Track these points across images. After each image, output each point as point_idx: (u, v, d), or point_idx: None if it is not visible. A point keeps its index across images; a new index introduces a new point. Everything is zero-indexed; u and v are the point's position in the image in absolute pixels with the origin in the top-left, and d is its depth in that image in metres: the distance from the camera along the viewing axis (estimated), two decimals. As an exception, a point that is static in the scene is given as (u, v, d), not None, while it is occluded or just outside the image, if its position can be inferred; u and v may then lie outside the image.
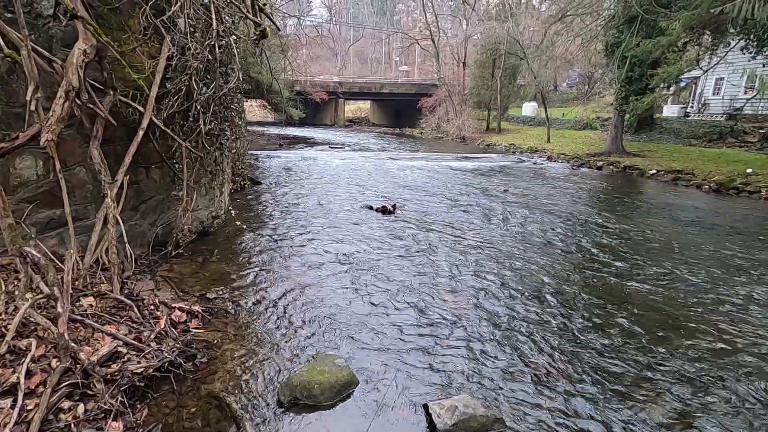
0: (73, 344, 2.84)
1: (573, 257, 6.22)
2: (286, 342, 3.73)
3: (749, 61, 14.87)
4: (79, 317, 3.27)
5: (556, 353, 3.70)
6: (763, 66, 14.02)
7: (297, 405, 2.96)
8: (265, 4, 5.91)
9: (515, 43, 25.99)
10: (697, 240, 7.27)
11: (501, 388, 3.23)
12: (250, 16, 5.44)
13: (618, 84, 17.33)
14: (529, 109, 32.87)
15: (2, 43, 3.23)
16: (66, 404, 2.64)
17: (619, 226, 8.03)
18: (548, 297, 4.81)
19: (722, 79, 22.41)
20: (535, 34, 27.49)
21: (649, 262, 6.07)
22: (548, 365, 3.52)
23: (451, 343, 3.81)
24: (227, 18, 5.34)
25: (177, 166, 5.25)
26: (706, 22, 12.04)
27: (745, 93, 20.09)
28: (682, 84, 18.85)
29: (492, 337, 3.94)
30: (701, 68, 14.34)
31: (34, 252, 3.17)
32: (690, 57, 14.41)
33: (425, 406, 2.94)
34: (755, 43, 13.21)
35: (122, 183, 4.35)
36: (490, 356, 3.64)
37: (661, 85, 15.06)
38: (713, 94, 23.58)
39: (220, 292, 4.55)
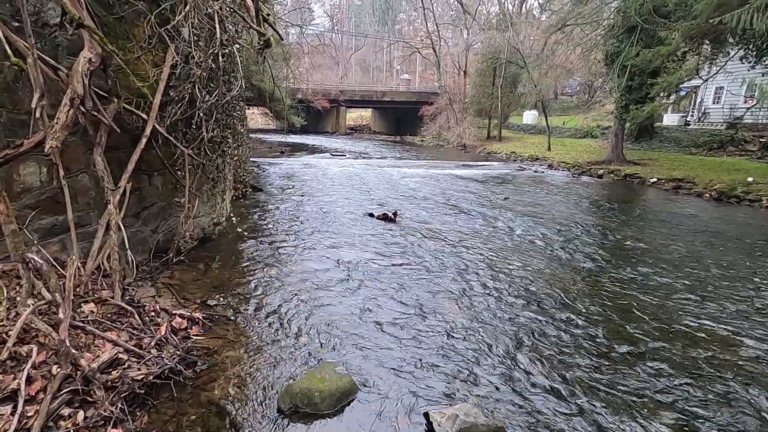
0: (73, 351, 2.84)
1: (560, 258, 6.24)
2: (286, 349, 3.72)
3: (749, 70, 14.96)
4: (80, 324, 3.27)
5: (535, 345, 3.69)
6: (763, 75, 14.10)
7: (297, 413, 2.95)
8: (269, 15, 5.98)
9: (516, 52, 26.21)
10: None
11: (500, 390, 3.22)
12: (254, 26, 5.50)
13: (618, 93, 17.43)
14: (529, 117, 33.04)
15: (9, 51, 3.27)
16: (66, 411, 2.63)
17: (614, 233, 8.04)
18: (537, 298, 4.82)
19: (722, 88, 22.52)
20: (535, 43, 27.73)
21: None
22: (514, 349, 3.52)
23: (452, 349, 3.80)
24: (231, 27, 5.39)
25: (179, 173, 5.27)
26: (706, 32, 12.14)
27: (745, 102, 20.18)
28: (682, 93, 18.98)
29: (490, 336, 3.94)
30: (701, 77, 14.45)
31: (36, 258, 3.19)
32: (690, 66, 14.53)
33: (426, 415, 2.92)
34: (754, 53, 13.31)
35: (125, 190, 4.36)
36: (490, 355, 3.63)
37: (661, 94, 15.18)
38: (713, 103, 23.68)
39: (221, 299, 4.55)
